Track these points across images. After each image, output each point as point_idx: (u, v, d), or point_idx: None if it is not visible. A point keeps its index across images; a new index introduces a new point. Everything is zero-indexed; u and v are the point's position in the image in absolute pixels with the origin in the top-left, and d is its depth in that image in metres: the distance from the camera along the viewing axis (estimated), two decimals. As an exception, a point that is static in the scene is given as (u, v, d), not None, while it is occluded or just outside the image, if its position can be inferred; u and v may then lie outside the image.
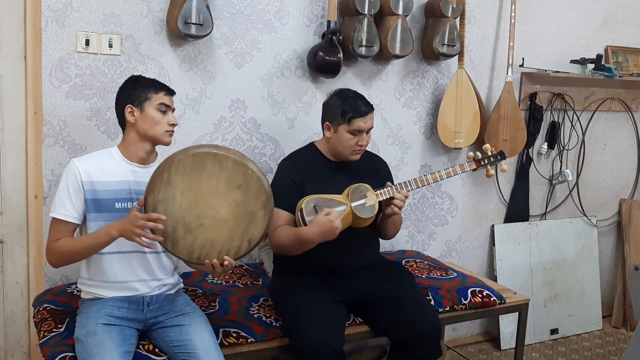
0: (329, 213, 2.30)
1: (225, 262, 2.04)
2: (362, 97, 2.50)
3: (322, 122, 2.55)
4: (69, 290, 2.51)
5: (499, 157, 2.67)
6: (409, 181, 2.52)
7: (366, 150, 2.59)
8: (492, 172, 2.67)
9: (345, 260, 2.50)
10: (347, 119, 2.43)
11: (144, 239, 1.98)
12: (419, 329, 2.37)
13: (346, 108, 2.44)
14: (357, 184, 2.46)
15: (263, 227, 2.06)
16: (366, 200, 2.43)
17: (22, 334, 2.72)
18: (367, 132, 2.49)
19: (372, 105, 2.50)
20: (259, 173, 2.07)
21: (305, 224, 2.34)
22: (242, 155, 2.09)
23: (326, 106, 2.55)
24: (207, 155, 2.03)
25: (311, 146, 2.64)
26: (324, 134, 2.56)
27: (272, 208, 2.10)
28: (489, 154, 2.66)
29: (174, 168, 2.01)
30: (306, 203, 2.38)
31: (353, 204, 2.41)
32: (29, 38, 2.51)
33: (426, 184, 2.55)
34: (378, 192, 2.46)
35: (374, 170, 2.66)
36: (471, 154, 2.67)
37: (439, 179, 2.58)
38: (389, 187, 2.47)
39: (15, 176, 2.60)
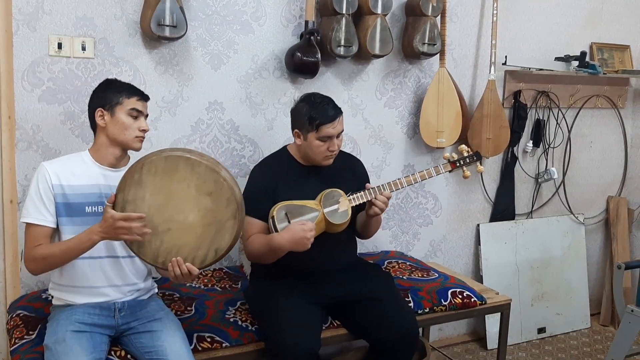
0: (304, 224, 2.29)
1: (185, 270, 2.01)
2: (330, 101, 2.46)
3: (292, 129, 2.52)
4: (43, 297, 2.48)
5: (474, 158, 2.65)
6: (382, 185, 2.49)
7: (341, 151, 2.56)
8: (469, 173, 2.64)
9: (322, 263, 2.48)
10: (315, 126, 2.39)
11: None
12: (396, 330, 2.35)
13: (314, 114, 2.40)
14: (329, 190, 2.43)
15: (231, 238, 2.03)
16: (339, 206, 2.41)
17: (0, 340, 2.69)
18: (338, 136, 2.46)
19: (340, 108, 2.47)
20: (232, 182, 2.04)
21: (277, 232, 2.32)
22: (215, 163, 2.05)
23: (294, 113, 2.52)
24: (179, 158, 2.00)
25: (284, 150, 2.61)
26: (294, 140, 2.53)
27: (243, 219, 2.07)
28: (465, 155, 2.64)
29: (145, 168, 1.99)
30: (277, 210, 2.36)
31: (325, 210, 2.39)
32: (0, 42, 2.49)
33: (400, 187, 2.52)
34: (351, 197, 2.44)
35: (350, 172, 2.64)
36: (447, 155, 2.65)
37: (413, 182, 2.55)
38: (361, 192, 2.45)
39: (-11, 181, 2.58)
